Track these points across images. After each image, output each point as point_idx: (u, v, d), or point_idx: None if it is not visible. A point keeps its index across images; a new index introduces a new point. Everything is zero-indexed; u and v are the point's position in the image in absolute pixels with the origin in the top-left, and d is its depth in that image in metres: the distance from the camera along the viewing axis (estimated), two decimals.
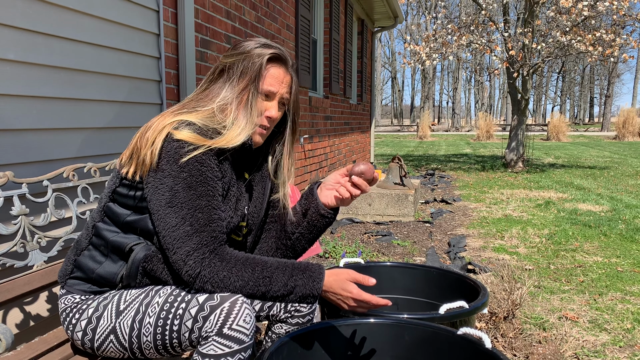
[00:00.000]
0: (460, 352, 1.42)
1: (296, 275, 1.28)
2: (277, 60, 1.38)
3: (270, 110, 1.38)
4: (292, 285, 1.26)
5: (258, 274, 1.25)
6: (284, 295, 1.27)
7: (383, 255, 3.95)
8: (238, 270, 1.24)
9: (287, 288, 1.26)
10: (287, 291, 1.27)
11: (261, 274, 1.25)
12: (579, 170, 10.27)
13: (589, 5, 8.65)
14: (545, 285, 3.26)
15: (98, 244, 1.37)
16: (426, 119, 26.38)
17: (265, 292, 1.26)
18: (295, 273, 1.28)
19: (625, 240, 4.47)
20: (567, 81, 54.75)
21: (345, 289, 1.28)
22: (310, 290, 1.27)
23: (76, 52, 2.10)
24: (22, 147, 1.84)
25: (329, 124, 6.97)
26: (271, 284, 1.26)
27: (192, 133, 1.25)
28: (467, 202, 6.48)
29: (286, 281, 1.26)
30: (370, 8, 9.33)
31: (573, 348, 2.37)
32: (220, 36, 3.48)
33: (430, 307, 2.10)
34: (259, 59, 1.35)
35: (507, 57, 9.74)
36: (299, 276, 1.28)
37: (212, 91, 1.37)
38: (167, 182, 1.24)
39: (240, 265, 1.24)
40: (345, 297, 1.29)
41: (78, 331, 1.33)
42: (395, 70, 55.96)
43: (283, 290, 1.27)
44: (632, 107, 27.29)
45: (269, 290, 1.26)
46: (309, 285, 1.27)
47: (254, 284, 1.24)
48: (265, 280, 1.25)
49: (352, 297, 1.28)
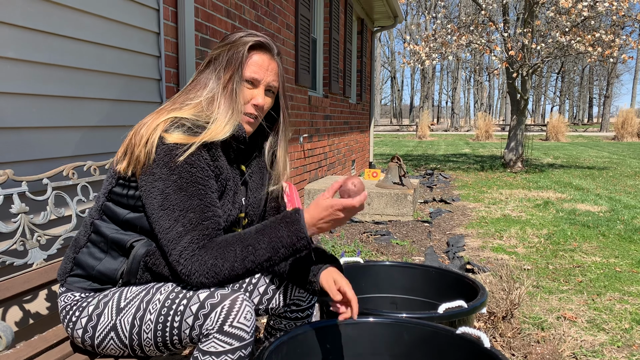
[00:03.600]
0: (459, 351, 1.42)
1: (275, 230, 1.24)
2: (260, 47, 1.39)
3: (257, 97, 1.38)
4: (276, 240, 1.23)
5: (240, 248, 1.23)
6: (274, 253, 1.24)
7: (382, 255, 3.95)
8: (220, 253, 1.22)
9: (273, 244, 1.23)
10: (275, 248, 1.23)
11: (243, 246, 1.23)
12: (578, 170, 10.28)
13: (588, 5, 8.65)
14: (544, 285, 3.26)
15: (97, 240, 1.37)
16: (425, 118, 26.40)
17: (255, 260, 1.23)
18: (273, 228, 1.25)
19: (623, 240, 4.48)
20: (566, 81, 54.77)
21: (328, 207, 1.23)
22: (296, 233, 1.24)
23: (76, 50, 2.10)
24: (22, 145, 1.84)
25: (329, 123, 6.97)
26: (256, 250, 1.23)
27: (182, 134, 1.26)
28: (466, 202, 6.49)
29: (269, 240, 1.23)
30: (370, 8, 9.32)
31: (571, 348, 2.38)
32: (220, 35, 3.48)
33: (429, 306, 2.10)
34: (242, 47, 1.36)
35: (507, 57, 9.74)
36: (278, 228, 1.24)
37: (199, 82, 1.38)
38: (158, 186, 1.25)
39: (221, 248, 1.23)
40: (333, 213, 1.24)
41: (78, 329, 1.33)
42: (394, 69, 55.96)
43: (270, 249, 1.23)
44: (631, 108, 27.32)
45: (257, 256, 1.23)
46: (291, 230, 1.24)
47: (242, 258, 1.22)
48: (249, 249, 1.23)
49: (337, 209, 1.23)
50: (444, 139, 25.63)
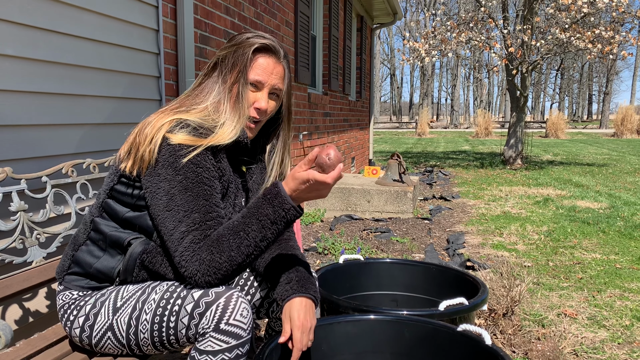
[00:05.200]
0: (460, 348, 1.42)
1: (260, 209, 1.22)
2: (266, 50, 1.37)
3: (260, 101, 1.37)
4: (264, 219, 1.22)
5: (232, 236, 1.22)
6: (267, 231, 1.22)
7: (382, 252, 3.95)
8: (216, 247, 1.21)
9: (262, 224, 1.22)
10: (265, 226, 1.22)
11: (234, 233, 1.22)
12: (578, 167, 10.28)
13: (588, 2, 8.64)
14: (544, 282, 3.26)
15: (96, 238, 1.37)
16: (425, 116, 26.38)
17: (250, 244, 1.22)
18: (257, 207, 1.23)
19: (623, 237, 4.47)
20: (565, 78, 54.76)
21: (305, 180, 1.20)
22: (281, 205, 1.21)
23: (75, 47, 2.09)
24: (21, 143, 1.83)
25: (328, 120, 6.96)
26: (248, 234, 1.22)
27: (187, 135, 1.25)
28: (466, 199, 6.49)
29: (257, 221, 1.22)
30: (369, 5, 9.30)
31: (572, 345, 2.38)
32: (219, 32, 3.47)
33: (429, 303, 2.10)
34: (247, 49, 1.35)
35: (506, 54, 9.73)
36: (262, 207, 1.22)
37: (206, 86, 1.38)
38: (163, 187, 1.24)
39: (215, 242, 1.22)
40: (311, 187, 1.20)
41: (76, 328, 1.33)
42: (394, 67, 55.91)
43: (261, 229, 1.22)
44: (631, 105, 27.33)
45: (251, 239, 1.22)
46: (274, 204, 1.21)
47: (236, 246, 1.21)
48: (241, 235, 1.21)
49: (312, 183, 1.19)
50: (443, 136, 25.62)
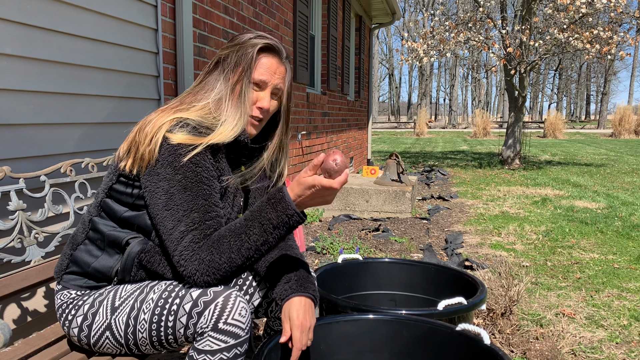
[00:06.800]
0: (459, 348, 1.42)
1: (263, 213, 1.22)
2: (270, 50, 1.38)
3: (262, 100, 1.37)
4: (266, 223, 1.21)
5: (233, 238, 1.21)
6: (269, 236, 1.22)
7: (380, 252, 3.95)
8: (216, 247, 1.21)
9: (264, 228, 1.21)
10: (267, 230, 1.21)
11: (235, 236, 1.21)
12: (576, 167, 10.30)
13: (586, 2, 8.65)
14: (542, 282, 3.27)
15: (95, 238, 1.37)
16: (423, 116, 26.39)
17: (250, 247, 1.21)
18: (261, 211, 1.22)
19: (621, 237, 4.48)
20: (563, 78, 54.81)
21: (310, 186, 1.19)
22: (284, 211, 1.21)
23: (74, 46, 2.08)
24: (20, 142, 1.83)
25: (327, 120, 6.96)
26: (249, 237, 1.21)
27: (187, 135, 1.25)
28: (464, 199, 6.49)
29: (259, 224, 1.21)
30: (368, 4, 9.30)
31: (570, 344, 2.38)
32: (218, 32, 3.47)
33: (428, 303, 2.10)
34: (251, 49, 1.35)
35: (505, 55, 9.74)
36: (265, 211, 1.22)
37: (207, 83, 1.37)
38: (162, 186, 1.24)
39: (215, 243, 1.21)
40: (317, 193, 1.20)
41: (74, 327, 1.33)
42: (392, 67, 55.92)
43: (263, 233, 1.21)
44: (628, 105, 27.35)
45: (252, 243, 1.21)
46: (278, 209, 1.21)
47: (237, 248, 1.21)
48: (242, 237, 1.21)
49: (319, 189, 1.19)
50: (441, 136, 25.64)
